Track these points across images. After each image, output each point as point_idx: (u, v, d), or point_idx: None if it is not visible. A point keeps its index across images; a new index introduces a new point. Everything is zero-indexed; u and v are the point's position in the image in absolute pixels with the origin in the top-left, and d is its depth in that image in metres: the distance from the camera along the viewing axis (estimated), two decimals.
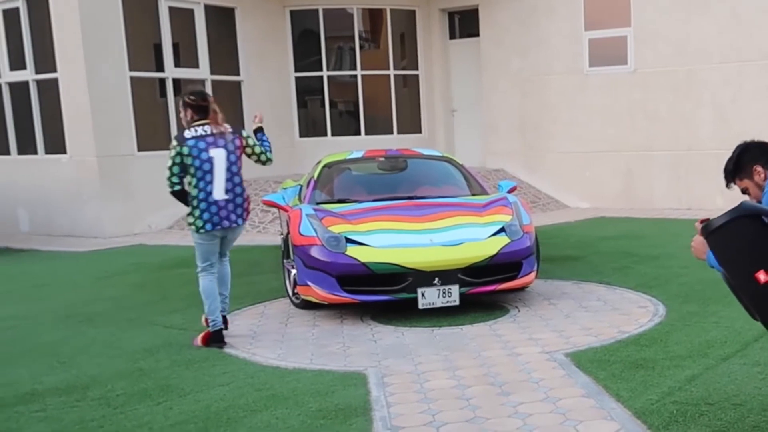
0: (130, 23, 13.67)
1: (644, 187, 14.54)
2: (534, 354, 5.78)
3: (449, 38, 17.19)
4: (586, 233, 11.53)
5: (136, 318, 7.42)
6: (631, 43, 14.42)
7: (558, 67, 15.20)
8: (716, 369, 5.22)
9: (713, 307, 6.86)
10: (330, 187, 8.65)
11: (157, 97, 14.64)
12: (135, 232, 13.57)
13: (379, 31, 17.19)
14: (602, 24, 14.78)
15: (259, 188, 14.45)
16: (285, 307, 7.62)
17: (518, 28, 15.56)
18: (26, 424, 4.70)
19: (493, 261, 7.06)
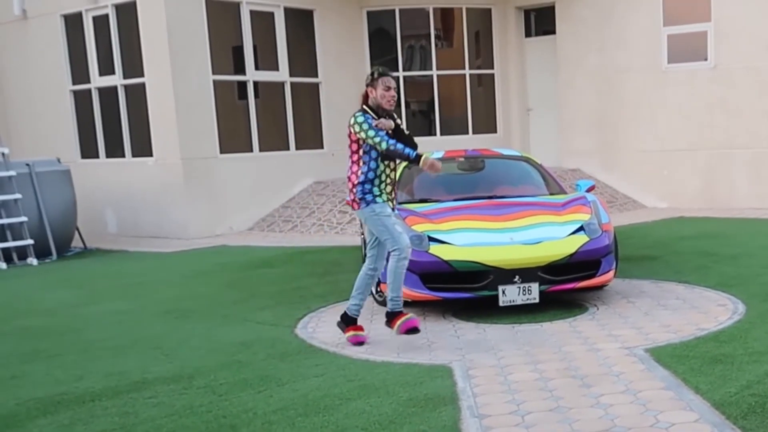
0: (213, 27, 14.29)
1: (724, 186, 14.58)
2: (613, 349, 6.05)
3: (525, 36, 17.42)
4: (663, 233, 11.69)
5: (229, 314, 7.91)
6: (711, 38, 14.48)
7: (636, 63, 15.32)
8: None
9: None
10: (411, 187, 9.02)
11: (238, 100, 15.23)
12: (217, 233, 14.17)
13: (454, 30, 17.50)
14: (681, 19, 14.87)
15: (336, 189, 14.90)
16: (368, 305, 7.97)
17: (595, 24, 15.73)
18: (141, 408, 5.19)
19: (572, 259, 7.32)
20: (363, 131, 6.28)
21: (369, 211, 6.33)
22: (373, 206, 6.32)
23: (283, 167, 15.35)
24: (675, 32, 14.91)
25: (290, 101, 15.54)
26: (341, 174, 15.72)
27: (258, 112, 15.07)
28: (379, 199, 6.34)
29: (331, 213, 14.19)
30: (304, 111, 15.95)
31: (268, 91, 15.45)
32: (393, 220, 6.34)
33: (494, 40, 17.37)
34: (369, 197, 6.33)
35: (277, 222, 14.52)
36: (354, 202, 6.41)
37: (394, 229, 6.30)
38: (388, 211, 6.33)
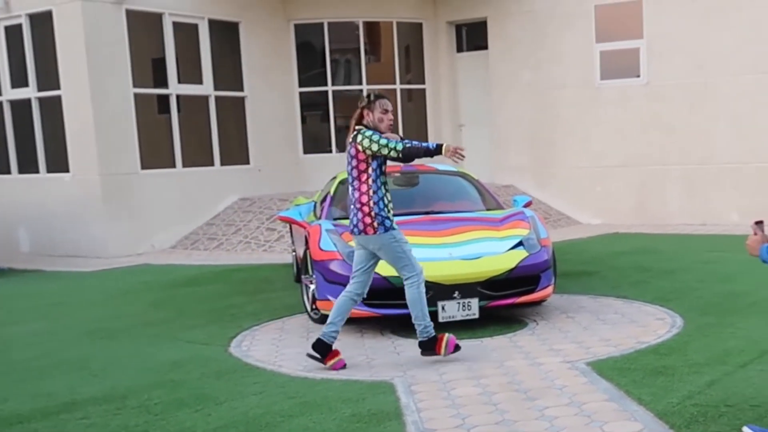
0: (134, 39, 14.22)
1: (658, 203, 15.05)
2: (555, 363, 6.24)
3: (456, 51, 17.74)
4: (599, 249, 12.04)
5: (158, 333, 7.90)
6: (644, 55, 14.98)
7: (570, 80, 15.75)
8: (734, 375, 5.69)
9: (730, 318, 7.34)
10: (346, 202, 9.11)
11: (160, 114, 15.17)
12: (138, 251, 14.06)
13: (385, 45, 17.75)
14: (614, 36, 15.34)
15: (263, 206, 14.94)
16: (303, 323, 8.09)
17: (528, 41, 16.12)
18: (73, 430, 5.18)
19: (511, 274, 7.54)
20: (374, 142, 6.25)
21: (389, 237, 6.35)
22: (393, 232, 6.36)
23: (208, 183, 15.33)
24: (608, 48, 15.38)
25: (215, 115, 15.55)
26: (268, 190, 15.83)
27: (181, 126, 15.03)
28: (394, 224, 6.41)
29: (258, 230, 14.21)
30: (229, 126, 15.96)
31: (192, 105, 15.43)
32: (406, 245, 6.40)
33: (425, 54, 17.66)
34: (387, 222, 6.37)
35: (202, 240, 14.48)
36: (369, 227, 6.35)
37: (412, 256, 6.40)
38: (404, 237, 6.42)
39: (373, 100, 6.43)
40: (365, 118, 6.44)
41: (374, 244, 6.37)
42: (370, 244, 6.39)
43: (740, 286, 8.74)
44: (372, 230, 6.34)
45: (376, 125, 6.40)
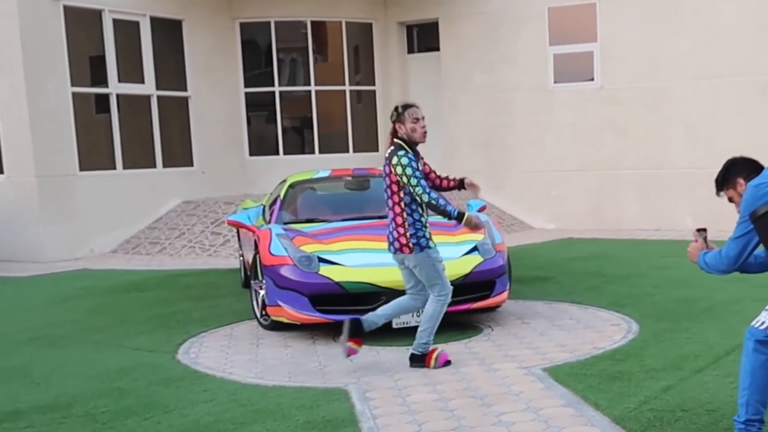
0: (73, 36, 14.14)
1: (613, 207, 15.34)
2: (511, 369, 6.38)
3: (408, 52, 17.90)
4: (554, 254, 12.26)
5: (102, 341, 7.89)
6: (598, 58, 15.27)
7: (523, 82, 15.99)
8: (690, 380, 5.87)
9: (686, 323, 7.55)
10: (297, 206, 9.22)
11: (99, 114, 15.09)
12: (77, 256, 13.97)
13: (333, 45, 17.85)
14: (568, 39, 15.61)
15: (208, 209, 14.95)
16: (253, 329, 8.13)
17: (481, 43, 16.33)
18: None
19: (466, 280, 7.67)
20: (405, 176, 6.33)
21: (424, 257, 6.41)
22: (428, 251, 6.42)
23: (150, 186, 15.28)
24: (561, 51, 15.65)
25: (157, 116, 15.51)
26: (212, 193, 15.83)
27: (122, 126, 14.96)
28: (431, 243, 6.47)
29: (203, 234, 14.21)
30: (172, 126, 15.94)
31: (133, 104, 15.38)
32: (443, 264, 6.51)
33: (375, 55, 17.80)
34: (423, 242, 6.43)
35: (144, 244, 14.43)
36: (405, 247, 6.44)
37: (444, 274, 6.50)
38: (440, 257, 6.50)
39: (401, 111, 6.47)
40: (398, 131, 6.49)
41: (411, 261, 6.49)
42: (407, 262, 6.52)
43: (695, 291, 8.97)
44: (408, 250, 6.45)
45: (410, 136, 6.45)
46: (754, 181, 4.33)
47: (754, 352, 4.39)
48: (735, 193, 4.54)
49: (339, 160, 15.94)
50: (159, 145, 15.53)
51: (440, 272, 6.50)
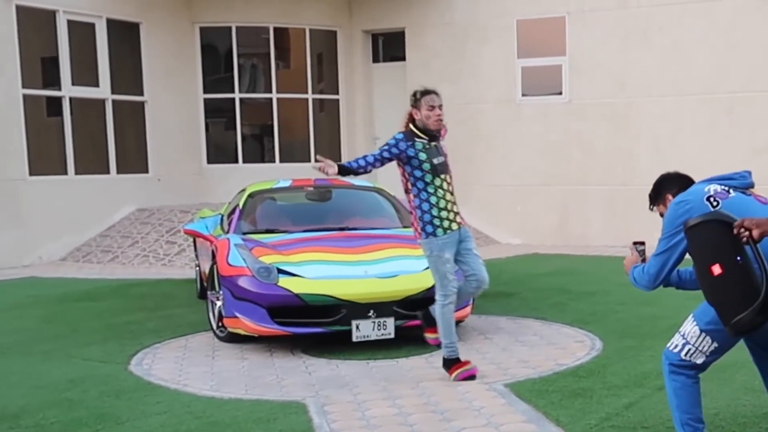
0: (25, 37, 14.08)
1: (579, 223, 15.54)
2: (473, 384, 6.47)
3: (372, 61, 18.02)
4: (519, 269, 12.40)
5: (51, 350, 7.89)
6: (566, 72, 15.49)
7: (490, 95, 16.16)
8: (652, 397, 6.01)
9: (649, 341, 7.69)
10: (256, 216, 9.27)
11: (49, 117, 15.04)
12: (24, 263, 13.89)
13: (296, 52, 17.93)
14: (536, 52, 15.82)
15: (163, 217, 14.93)
16: (209, 341, 8.17)
17: (448, 54, 16.49)
18: None
19: (428, 293, 7.64)
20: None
21: (427, 245, 6.54)
22: (433, 240, 6.50)
23: (102, 192, 15.24)
24: (529, 64, 15.85)
25: (111, 120, 15.47)
26: (168, 201, 15.81)
27: (74, 130, 14.91)
28: (439, 231, 6.50)
29: (158, 243, 14.21)
30: (127, 131, 15.92)
31: (87, 108, 15.34)
32: (447, 265, 6.54)
33: (339, 63, 17.88)
34: (429, 228, 6.52)
35: (95, 252, 14.38)
36: (416, 232, 6.63)
37: (444, 276, 6.55)
38: (446, 254, 6.52)
39: (419, 97, 6.59)
40: (414, 117, 6.64)
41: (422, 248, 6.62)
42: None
43: (660, 309, 9.12)
44: (419, 235, 6.60)
45: (425, 123, 6.59)
46: (676, 198, 4.51)
47: (671, 375, 4.61)
48: (664, 208, 4.70)
49: (300, 170, 15.88)
50: (113, 150, 15.48)
51: (441, 270, 6.55)
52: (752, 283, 4.06)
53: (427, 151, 6.58)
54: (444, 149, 6.76)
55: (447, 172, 6.65)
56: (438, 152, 6.64)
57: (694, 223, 4.25)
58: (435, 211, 6.53)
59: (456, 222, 6.62)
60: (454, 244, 6.61)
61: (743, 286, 4.06)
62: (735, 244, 4.07)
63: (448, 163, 6.72)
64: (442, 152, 6.69)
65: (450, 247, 6.58)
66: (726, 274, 4.09)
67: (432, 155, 6.60)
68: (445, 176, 6.61)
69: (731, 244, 4.08)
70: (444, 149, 6.76)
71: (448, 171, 6.67)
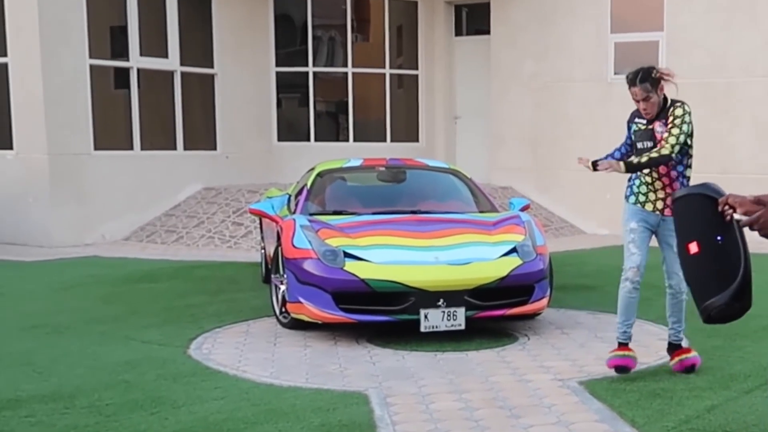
0: (93, 5, 14.39)
1: None
2: (545, 381, 6.53)
3: (455, 35, 18.03)
4: (603, 261, 12.34)
5: (109, 331, 8.16)
6: (663, 49, 15.32)
7: (579, 73, 16.06)
8: (737, 400, 5.99)
9: (740, 342, 7.65)
10: (324, 197, 9.40)
11: (117, 89, 15.38)
12: (87, 242, 14.26)
13: (375, 23, 17.99)
14: (631, 27, 15.67)
15: (230, 197, 15.17)
16: (271, 327, 8.34)
17: (535, 28, 16.42)
18: (18, 427, 5.43)
19: (503, 283, 7.82)
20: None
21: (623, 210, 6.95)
22: (625, 205, 6.94)
23: (168, 169, 15.54)
24: (623, 40, 15.71)
25: (180, 94, 15.76)
26: (235, 180, 16.05)
27: (141, 104, 15.23)
28: (631, 198, 6.88)
29: (224, 224, 14.45)
30: (195, 106, 16.18)
31: (155, 80, 15.65)
32: (632, 235, 6.86)
33: (420, 37, 17.92)
34: (627, 192, 6.95)
35: (159, 232, 14.71)
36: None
37: (627, 246, 6.89)
38: (632, 223, 6.85)
39: (628, 86, 6.81)
40: None
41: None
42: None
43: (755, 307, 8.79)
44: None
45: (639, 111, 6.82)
46: None
47: None
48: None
49: (375, 150, 16.01)
50: (180, 125, 15.78)
51: (625, 239, 6.89)
52: (729, 266, 3.94)
53: (636, 134, 6.90)
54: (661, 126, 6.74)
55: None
56: (648, 137, 6.78)
57: (680, 195, 4.22)
58: (637, 182, 6.84)
59: (654, 205, 6.77)
60: (645, 221, 6.82)
61: (718, 267, 3.96)
62: (717, 221, 3.92)
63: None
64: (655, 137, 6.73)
65: (637, 219, 6.81)
66: (702, 253, 3.99)
67: (641, 138, 6.85)
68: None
69: (713, 222, 3.94)
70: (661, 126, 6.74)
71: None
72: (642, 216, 6.80)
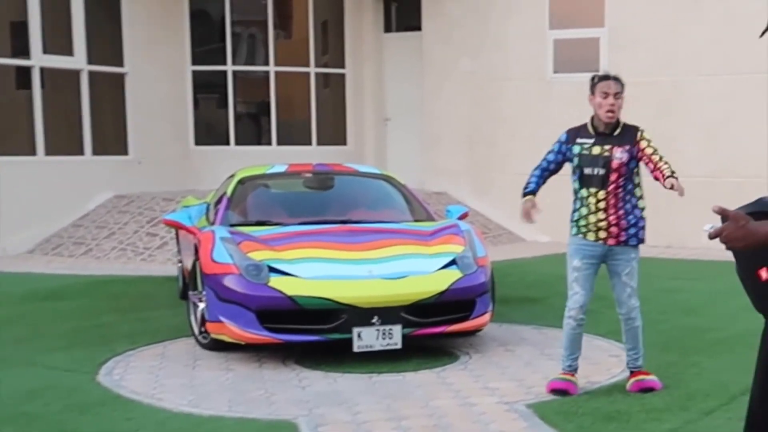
0: None
1: None
2: (490, 404, 6.37)
3: (384, 31, 17.93)
4: (546, 271, 12.26)
5: (9, 357, 7.83)
6: (605, 46, 15.33)
7: (517, 71, 16.02)
8: (698, 423, 5.89)
9: (695, 357, 7.58)
10: (246, 206, 9.21)
11: (18, 90, 14.99)
12: None
13: (298, 19, 17.88)
14: (571, 22, 15.69)
15: (144, 206, 14.91)
16: (189, 348, 8.10)
17: (470, 23, 16.35)
18: None
19: (442, 298, 7.66)
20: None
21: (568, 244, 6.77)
22: (570, 242, 6.78)
23: (76, 176, 15.18)
24: (563, 36, 15.70)
25: (87, 94, 15.42)
26: (149, 187, 15.76)
27: (45, 106, 14.84)
28: (573, 229, 6.73)
29: (137, 235, 14.19)
30: (104, 107, 15.89)
31: (59, 80, 15.34)
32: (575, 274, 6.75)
33: (346, 33, 17.80)
34: (571, 225, 6.76)
35: (66, 244, 14.38)
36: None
37: (570, 284, 6.78)
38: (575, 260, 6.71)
39: (596, 82, 6.59)
40: (591, 105, 6.65)
41: None
42: None
43: (707, 320, 9.01)
44: None
45: (596, 112, 6.60)
46: None
47: None
48: None
49: (300, 154, 15.86)
50: (89, 128, 15.44)
51: (568, 273, 6.75)
52: None
53: (584, 158, 6.60)
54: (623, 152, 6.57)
55: (602, 187, 6.55)
56: (602, 163, 6.53)
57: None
58: (576, 215, 6.73)
59: (597, 234, 6.61)
60: (590, 256, 6.67)
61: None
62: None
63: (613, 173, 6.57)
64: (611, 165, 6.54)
65: (581, 256, 6.66)
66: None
67: (591, 163, 6.57)
68: (596, 191, 6.55)
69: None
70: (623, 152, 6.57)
71: (605, 185, 6.55)
72: (585, 252, 6.66)
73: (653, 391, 6.57)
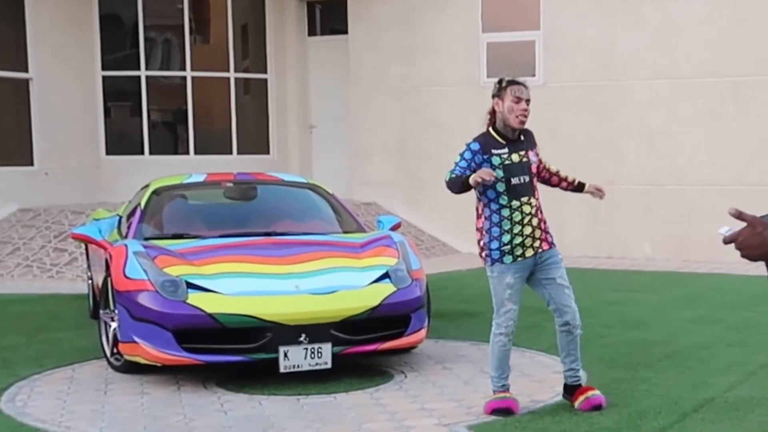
0: None
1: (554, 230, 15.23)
2: (428, 426, 6.28)
3: (308, 35, 17.84)
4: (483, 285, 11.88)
5: None
6: (540, 50, 15.36)
7: (449, 77, 16.01)
8: None
9: (643, 373, 7.54)
10: (162, 218, 9.08)
11: None
12: None
13: (216, 23, 17.83)
14: (505, 26, 15.70)
15: (51, 220, 14.72)
16: (101, 371, 7.93)
17: (400, 27, 16.32)
18: None
19: (374, 314, 7.58)
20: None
21: (489, 272, 6.62)
22: (496, 267, 6.52)
23: None
24: (496, 40, 15.70)
25: None
26: (57, 199, 15.51)
27: None
28: (507, 259, 6.48)
29: (43, 250, 13.94)
30: (7, 115, 15.77)
31: None
32: (509, 291, 6.55)
33: (268, 37, 17.69)
34: (495, 254, 6.51)
35: None
36: (480, 256, 6.66)
37: (502, 303, 6.60)
38: (508, 278, 6.50)
39: (504, 86, 6.53)
40: (496, 110, 6.58)
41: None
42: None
43: (655, 333, 9.00)
44: (482, 260, 6.67)
45: (505, 117, 6.51)
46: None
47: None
48: None
49: (220, 164, 15.69)
50: None
51: (498, 296, 6.61)
52: None
53: (508, 168, 6.52)
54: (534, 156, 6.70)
55: (531, 194, 6.59)
56: (524, 170, 6.57)
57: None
58: (506, 237, 6.47)
59: (533, 246, 6.55)
60: (522, 269, 6.56)
61: None
62: None
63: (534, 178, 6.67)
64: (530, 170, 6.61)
65: (513, 272, 6.53)
66: None
67: (518, 172, 6.54)
68: (527, 199, 6.55)
69: None
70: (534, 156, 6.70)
71: (533, 192, 6.61)
72: (518, 267, 6.57)
73: (601, 409, 6.46)
